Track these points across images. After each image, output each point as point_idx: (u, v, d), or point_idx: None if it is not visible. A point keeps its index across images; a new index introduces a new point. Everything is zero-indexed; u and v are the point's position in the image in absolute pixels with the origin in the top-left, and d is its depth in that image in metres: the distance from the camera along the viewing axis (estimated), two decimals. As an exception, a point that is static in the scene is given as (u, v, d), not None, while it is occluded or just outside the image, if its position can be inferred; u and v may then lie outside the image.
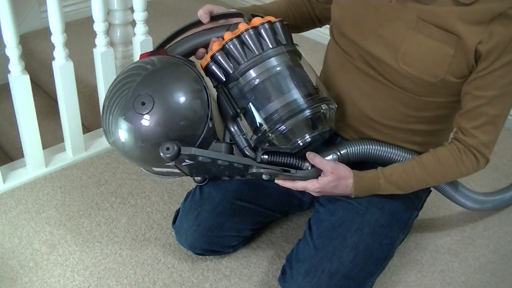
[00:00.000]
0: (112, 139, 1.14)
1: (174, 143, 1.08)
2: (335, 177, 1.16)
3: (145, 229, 1.51)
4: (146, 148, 1.12)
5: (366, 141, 1.24)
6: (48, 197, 1.61)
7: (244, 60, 1.11)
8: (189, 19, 1.24)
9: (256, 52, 1.11)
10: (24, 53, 1.56)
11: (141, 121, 1.08)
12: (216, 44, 1.15)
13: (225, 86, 1.15)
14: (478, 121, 1.14)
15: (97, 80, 1.73)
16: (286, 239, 1.48)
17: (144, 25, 1.72)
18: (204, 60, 1.17)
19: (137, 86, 1.10)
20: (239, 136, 1.15)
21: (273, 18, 1.14)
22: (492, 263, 1.44)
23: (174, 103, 1.10)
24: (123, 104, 1.10)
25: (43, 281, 1.36)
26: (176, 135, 1.10)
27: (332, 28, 1.28)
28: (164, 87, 1.10)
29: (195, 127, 1.11)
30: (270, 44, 1.12)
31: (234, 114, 1.15)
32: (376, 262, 1.22)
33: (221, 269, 1.39)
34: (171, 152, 1.08)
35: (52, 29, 1.55)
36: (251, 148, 1.15)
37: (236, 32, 1.13)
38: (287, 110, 1.09)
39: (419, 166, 1.18)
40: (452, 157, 1.17)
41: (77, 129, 1.72)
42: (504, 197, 1.55)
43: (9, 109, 1.70)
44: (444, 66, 1.10)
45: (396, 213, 1.25)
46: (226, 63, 1.13)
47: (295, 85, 1.11)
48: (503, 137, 1.92)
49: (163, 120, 1.09)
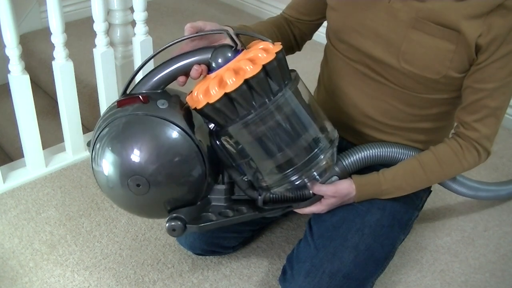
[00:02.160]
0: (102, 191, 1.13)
1: (178, 222, 1.08)
2: (339, 198, 1.18)
3: (145, 229, 1.51)
4: (141, 214, 1.18)
5: (360, 148, 1.22)
6: (48, 197, 1.61)
7: (253, 107, 1.01)
8: (189, 19, 1.23)
9: (265, 97, 1.01)
10: (24, 53, 1.56)
11: (139, 199, 1.07)
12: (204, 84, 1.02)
13: (221, 131, 1.06)
14: (479, 114, 1.14)
15: (97, 80, 1.73)
16: (286, 239, 1.48)
17: (144, 25, 1.72)
18: (197, 102, 1.03)
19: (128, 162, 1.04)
20: (240, 179, 1.12)
21: (273, 48, 1.03)
22: (492, 263, 1.44)
23: (171, 182, 1.06)
24: (114, 182, 1.06)
25: (43, 281, 1.36)
26: (176, 204, 1.10)
27: (329, 34, 1.27)
28: (158, 166, 1.04)
29: (194, 191, 1.10)
30: (278, 85, 1.02)
31: (233, 164, 1.10)
32: (377, 262, 1.22)
33: (221, 269, 1.39)
34: (177, 233, 1.09)
35: (52, 29, 1.55)
36: (252, 188, 1.14)
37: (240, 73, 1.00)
38: (294, 167, 1.07)
39: (421, 167, 1.18)
40: (453, 154, 1.17)
41: (77, 129, 1.72)
42: (500, 189, 1.55)
43: (9, 109, 1.70)
44: (445, 62, 1.10)
45: (397, 213, 1.25)
46: (229, 110, 1.02)
47: (301, 136, 1.06)
48: (503, 137, 1.92)
49: (161, 199, 1.08)
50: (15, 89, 1.54)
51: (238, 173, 1.12)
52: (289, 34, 1.33)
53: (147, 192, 1.05)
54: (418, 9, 1.10)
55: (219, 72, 1.02)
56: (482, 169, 1.75)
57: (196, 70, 1.05)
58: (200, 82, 1.07)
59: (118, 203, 1.14)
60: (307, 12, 1.31)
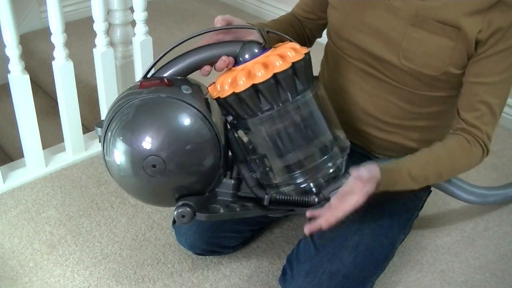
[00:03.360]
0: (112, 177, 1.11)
1: (188, 209, 1.07)
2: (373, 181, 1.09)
3: (145, 229, 1.51)
4: (150, 200, 1.15)
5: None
6: (48, 197, 1.61)
7: (276, 103, 1.02)
8: (189, 19, 1.23)
9: (289, 95, 1.03)
10: (24, 53, 1.56)
11: (151, 181, 1.05)
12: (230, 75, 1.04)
13: (240, 123, 1.07)
14: (479, 111, 1.14)
15: (97, 80, 1.73)
16: (286, 239, 1.48)
17: (144, 25, 1.72)
18: (222, 91, 1.05)
19: (147, 142, 1.02)
20: (249, 175, 1.13)
21: (300, 48, 1.05)
22: (492, 263, 1.44)
23: (187, 165, 1.06)
24: (130, 161, 1.04)
25: (43, 281, 1.36)
26: (187, 191, 1.09)
27: (330, 32, 1.28)
28: (176, 148, 1.03)
29: (207, 180, 1.10)
30: (302, 86, 1.04)
31: (246, 158, 1.11)
32: (377, 262, 1.22)
33: (221, 269, 1.39)
34: (186, 219, 1.08)
35: (52, 29, 1.55)
36: (260, 186, 1.14)
37: (269, 67, 1.01)
38: (307, 168, 1.08)
39: (434, 159, 1.15)
40: (462, 149, 1.15)
41: (77, 129, 1.72)
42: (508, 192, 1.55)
43: (9, 109, 1.70)
44: (445, 59, 1.11)
45: (396, 213, 1.25)
46: (253, 102, 1.03)
47: (316, 139, 1.08)
48: (503, 137, 1.92)
49: (175, 182, 1.07)
50: (15, 89, 1.54)
51: (248, 169, 1.12)
52: (303, 33, 1.35)
53: (163, 173, 1.04)
54: (418, 7, 1.10)
55: (247, 65, 1.04)
56: (482, 169, 1.75)
57: (223, 61, 1.06)
58: (224, 75, 1.08)
59: (128, 187, 1.12)
60: (312, 11, 1.32)
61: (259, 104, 1.03)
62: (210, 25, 1.10)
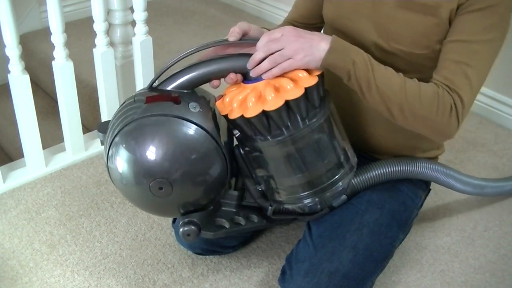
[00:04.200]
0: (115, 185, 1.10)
1: (192, 227, 1.08)
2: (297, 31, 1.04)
3: (145, 229, 1.51)
4: (153, 212, 1.15)
5: (371, 166, 1.22)
6: (48, 197, 1.61)
7: (287, 128, 1.02)
8: (189, 19, 1.22)
9: (300, 120, 1.02)
10: (24, 53, 1.56)
11: (158, 200, 1.05)
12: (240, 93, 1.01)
13: (247, 142, 1.06)
14: (449, 70, 1.08)
15: (97, 80, 1.73)
16: (286, 239, 1.48)
17: (144, 25, 1.72)
18: (231, 111, 1.02)
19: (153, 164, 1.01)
20: (253, 187, 1.14)
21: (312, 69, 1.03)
22: (492, 263, 1.44)
23: (194, 188, 1.06)
24: (136, 182, 1.04)
25: (43, 281, 1.36)
26: (192, 208, 1.10)
27: (326, 29, 1.29)
28: (183, 172, 1.02)
29: (213, 196, 1.11)
30: (314, 108, 1.03)
31: (251, 174, 1.11)
32: (376, 261, 1.22)
33: (221, 269, 1.39)
34: (192, 238, 1.10)
35: (52, 29, 1.55)
36: (264, 198, 1.15)
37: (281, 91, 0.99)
38: (312, 190, 1.09)
39: (400, 78, 1.07)
40: (431, 87, 1.07)
41: (77, 129, 1.72)
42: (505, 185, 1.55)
43: (9, 109, 1.70)
44: (432, 36, 1.11)
45: (395, 212, 1.25)
46: (262, 126, 1.02)
47: (327, 159, 1.08)
48: (503, 137, 1.92)
49: (180, 202, 1.08)
50: (15, 89, 1.54)
51: (253, 181, 1.12)
52: None
53: (169, 195, 1.03)
54: None
55: (257, 86, 1.01)
56: (482, 169, 1.75)
57: (231, 79, 1.05)
58: (233, 89, 1.06)
59: (132, 200, 1.12)
60: (313, 17, 1.31)
61: (268, 128, 1.02)
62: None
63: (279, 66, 1.02)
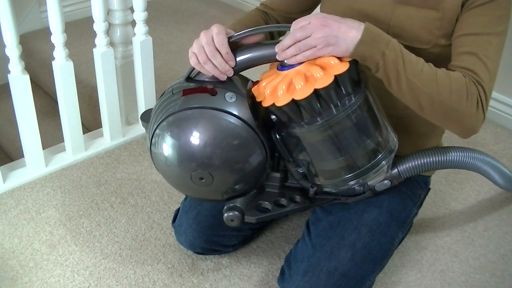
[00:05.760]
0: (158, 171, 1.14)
1: (236, 213, 1.10)
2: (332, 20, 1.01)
3: (145, 229, 1.51)
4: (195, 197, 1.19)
5: (417, 154, 1.20)
6: (48, 197, 1.61)
7: (319, 115, 1.00)
8: (189, 19, 1.22)
9: (332, 107, 1.00)
10: (24, 53, 1.56)
11: (200, 188, 1.09)
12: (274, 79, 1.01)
13: (283, 128, 1.06)
14: (468, 61, 1.06)
15: (97, 80, 1.73)
16: (286, 239, 1.48)
17: (144, 25, 1.72)
18: (264, 99, 1.02)
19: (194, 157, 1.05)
20: (294, 169, 1.13)
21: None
22: (492, 263, 1.44)
23: (234, 176, 1.08)
24: (178, 172, 1.07)
25: (43, 281, 1.36)
26: (234, 194, 1.12)
27: None
28: (222, 161, 1.05)
29: (254, 183, 1.12)
30: (347, 95, 1.01)
31: (290, 159, 1.11)
32: (375, 260, 1.22)
33: (221, 269, 1.39)
34: (235, 223, 1.12)
35: (52, 29, 1.55)
36: (305, 179, 1.15)
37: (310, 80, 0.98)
38: (352, 173, 1.08)
39: (431, 69, 1.05)
40: (461, 78, 1.05)
41: (77, 129, 1.72)
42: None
43: (9, 109, 1.70)
44: (434, 30, 1.11)
45: (394, 211, 1.24)
46: (294, 114, 1.01)
47: (365, 144, 1.06)
48: (503, 137, 1.92)
49: (221, 190, 1.10)
50: (15, 89, 1.54)
51: (294, 164, 1.12)
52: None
53: (211, 184, 1.07)
54: None
55: (289, 73, 1.01)
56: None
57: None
58: (269, 75, 1.06)
59: (178, 188, 1.15)
60: (297, 4, 1.29)
61: (300, 116, 1.02)
62: (210, 25, 1.09)
63: (303, 54, 1.01)
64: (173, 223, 1.42)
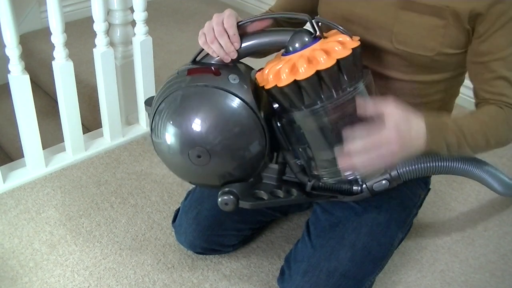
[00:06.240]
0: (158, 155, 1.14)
1: (231, 197, 1.09)
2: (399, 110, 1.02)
3: (145, 229, 1.51)
4: (195, 182, 1.17)
5: (419, 159, 1.18)
6: (48, 197, 1.61)
7: (320, 99, 1.00)
8: (189, 19, 1.22)
9: (333, 91, 1.00)
10: (24, 53, 1.56)
11: (197, 168, 1.09)
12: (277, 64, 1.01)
13: (284, 114, 1.05)
14: (499, 87, 1.10)
15: (97, 80, 1.73)
16: (286, 239, 1.48)
17: (144, 25, 1.72)
18: (267, 81, 1.03)
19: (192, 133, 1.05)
20: (293, 161, 1.13)
21: (349, 42, 1.02)
22: (492, 263, 1.44)
23: (232, 156, 1.08)
24: (176, 149, 1.08)
25: (43, 281, 1.36)
26: (231, 178, 1.12)
27: None
28: (221, 140, 1.05)
29: (251, 168, 1.12)
30: (349, 81, 1.01)
31: (289, 147, 1.10)
32: (375, 260, 1.22)
33: (221, 269, 1.39)
34: (229, 207, 1.11)
35: (52, 29, 1.55)
36: (304, 173, 1.14)
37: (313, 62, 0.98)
38: None
39: (481, 126, 1.09)
40: (500, 113, 1.10)
41: (77, 129, 1.72)
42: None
43: (9, 109, 1.70)
44: (438, 38, 1.10)
45: (394, 211, 1.24)
46: (296, 96, 1.01)
47: None
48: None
49: (219, 171, 1.10)
50: (15, 89, 1.54)
51: (292, 155, 1.12)
52: None
53: (207, 163, 1.07)
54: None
55: (292, 57, 1.03)
56: (482, 169, 1.75)
57: None
58: (273, 62, 1.08)
59: (174, 170, 1.15)
60: (292, 9, 1.30)
61: (302, 99, 1.02)
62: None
63: (372, 165, 1.00)
64: (173, 223, 1.42)
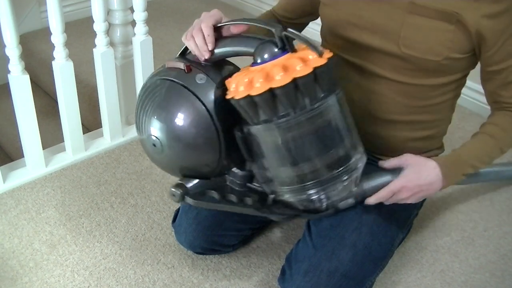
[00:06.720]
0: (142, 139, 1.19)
1: (180, 191, 1.13)
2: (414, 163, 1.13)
3: (145, 229, 1.51)
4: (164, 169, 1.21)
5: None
6: (48, 197, 1.61)
7: (294, 109, 0.97)
8: (189, 19, 1.23)
9: (308, 102, 0.98)
10: (24, 53, 1.56)
11: (155, 157, 1.15)
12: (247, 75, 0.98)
13: (247, 126, 1.03)
14: None
15: (97, 80, 1.73)
16: (286, 239, 1.48)
17: (144, 25, 1.72)
18: (236, 92, 0.99)
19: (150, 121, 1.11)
20: (258, 171, 1.11)
21: (324, 53, 0.99)
22: (492, 263, 1.44)
23: (182, 152, 1.10)
24: (140, 135, 1.15)
25: (43, 281, 1.36)
26: (188, 173, 1.15)
27: (324, 32, 1.27)
28: (171, 135, 1.08)
29: (205, 168, 1.13)
30: (323, 92, 0.99)
31: (250, 159, 1.09)
32: (375, 261, 1.22)
33: (221, 269, 1.39)
34: (175, 199, 1.15)
35: (52, 29, 1.55)
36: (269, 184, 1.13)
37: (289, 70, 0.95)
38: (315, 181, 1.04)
39: (495, 144, 1.17)
40: (509, 120, 1.17)
41: (77, 129, 1.72)
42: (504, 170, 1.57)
43: (9, 109, 1.70)
44: (446, 42, 1.10)
45: (394, 211, 1.24)
46: (267, 106, 0.98)
47: (333, 148, 1.02)
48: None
49: (173, 163, 1.14)
50: (15, 89, 1.54)
51: (257, 166, 1.11)
52: None
53: (161, 153, 1.10)
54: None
55: (264, 67, 0.99)
56: (482, 169, 1.75)
57: None
58: (241, 74, 1.04)
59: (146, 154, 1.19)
60: (293, 10, 1.32)
61: (274, 109, 0.98)
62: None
63: None
64: (173, 223, 1.42)
